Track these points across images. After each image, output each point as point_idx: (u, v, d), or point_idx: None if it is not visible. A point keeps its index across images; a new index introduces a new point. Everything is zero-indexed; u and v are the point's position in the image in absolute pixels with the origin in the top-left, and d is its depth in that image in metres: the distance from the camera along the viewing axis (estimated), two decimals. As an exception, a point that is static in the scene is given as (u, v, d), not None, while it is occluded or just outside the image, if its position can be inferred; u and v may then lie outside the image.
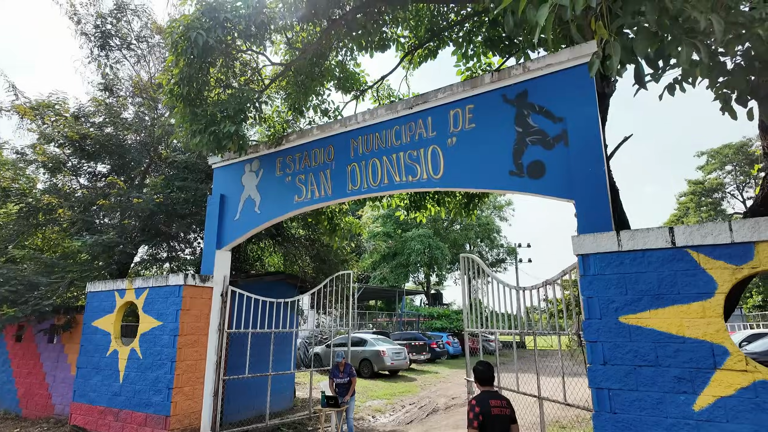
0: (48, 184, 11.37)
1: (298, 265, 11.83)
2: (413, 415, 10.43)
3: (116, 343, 8.17)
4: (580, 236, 4.56)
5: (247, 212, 8.32)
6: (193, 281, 7.75)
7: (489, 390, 3.93)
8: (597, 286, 4.38)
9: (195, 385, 7.50)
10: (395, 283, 33.84)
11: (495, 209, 39.01)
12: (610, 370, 4.17)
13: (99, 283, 8.79)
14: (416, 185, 6.52)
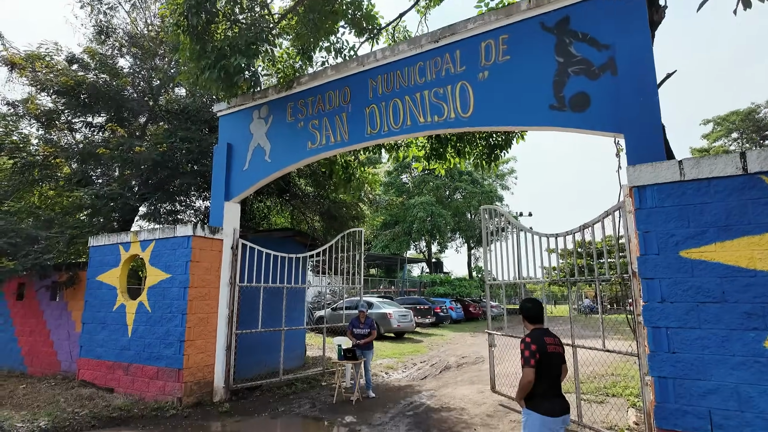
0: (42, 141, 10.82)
1: (306, 222, 11.45)
2: (426, 372, 10.30)
3: (123, 297, 7.85)
4: (637, 166, 4.17)
5: (257, 162, 7.86)
6: (203, 232, 7.37)
7: (540, 327, 3.61)
8: (655, 220, 4.02)
9: (207, 338, 7.23)
10: (397, 251, 33.71)
11: (497, 178, 38.53)
12: (668, 308, 3.86)
13: (102, 237, 8.40)
14: (442, 126, 6.06)
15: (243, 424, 6.21)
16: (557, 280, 5.97)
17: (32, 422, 5.79)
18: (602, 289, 32.10)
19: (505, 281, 7.16)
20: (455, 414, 6.65)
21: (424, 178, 34.45)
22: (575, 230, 5.66)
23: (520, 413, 6.58)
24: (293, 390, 8.15)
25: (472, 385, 8.74)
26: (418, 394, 8.02)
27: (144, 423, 6.16)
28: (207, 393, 7.11)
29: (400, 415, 6.59)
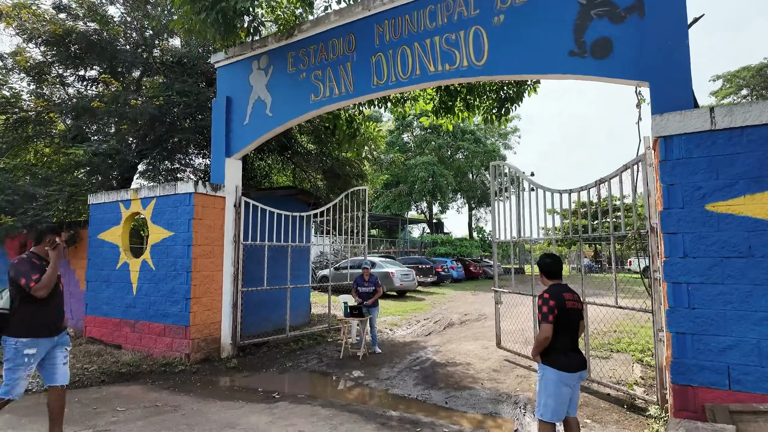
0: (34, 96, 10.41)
1: (308, 181, 11.23)
2: (430, 328, 10.40)
3: (126, 255, 7.76)
4: (664, 115, 3.92)
5: (258, 116, 7.55)
6: (204, 189, 7.17)
7: (559, 283, 3.49)
8: (681, 172, 3.82)
9: (213, 296, 7.19)
10: (398, 212, 33.63)
11: (500, 137, 37.89)
12: (690, 264, 3.73)
13: (102, 195, 8.21)
14: (454, 75, 5.73)
15: (251, 378, 6.26)
16: (570, 237, 5.84)
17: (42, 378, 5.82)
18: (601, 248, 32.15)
19: (514, 239, 7.03)
20: (461, 369, 6.70)
21: (425, 137, 33.88)
22: (591, 185, 5.47)
23: (525, 368, 6.66)
24: (300, 346, 8.23)
25: (476, 341, 8.82)
26: (424, 349, 8.09)
27: (153, 378, 6.21)
28: (214, 349, 7.16)
29: (407, 370, 6.65)
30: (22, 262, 3.49)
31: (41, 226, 3.75)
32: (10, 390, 3.40)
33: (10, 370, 3.39)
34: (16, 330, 3.42)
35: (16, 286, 3.45)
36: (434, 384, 5.93)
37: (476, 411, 4.92)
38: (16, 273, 3.44)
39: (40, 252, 3.65)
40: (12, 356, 3.40)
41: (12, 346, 3.40)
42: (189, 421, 4.45)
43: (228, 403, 5.09)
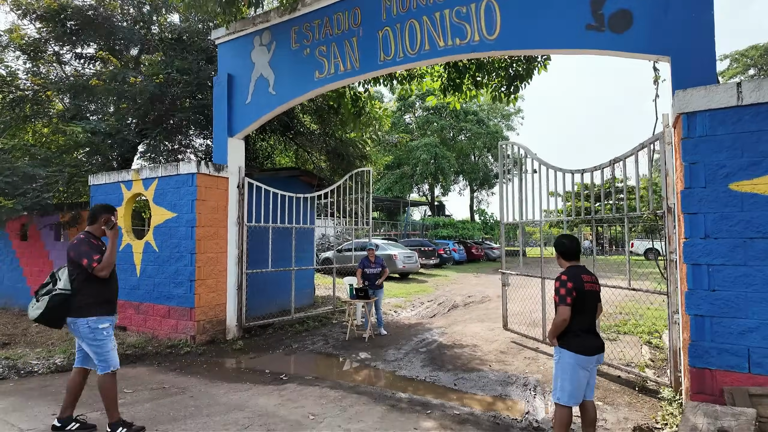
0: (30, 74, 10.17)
1: (311, 162, 11.06)
2: (434, 310, 10.38)
3: (128, 236, 7.67)
4: (688, 90, 3.75)
5: (260, 94, 7.36)
6: (207, 170, 7.03)
7: (577, 264, 3.39)
8: (704, 150, 3.68)
9: (218, 278, 7.12)
10: (399, 194, 33.45)
11: (503, 118, 37.44)
12: (711, 245, 3.61)
13: (102, 175, 8.07)
14: (465, 50, 5.52)
15: (258, 360, 6.23)
16: (582, 218, 5.72)
17: (47, 359, 5.79)
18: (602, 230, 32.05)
19: (523, 221, 6.91)
20: (468, 350, 6.67)
21: (427, 118, 33.47)
22: (605, 165, 5.33)
23: (533, 350, 6.62)
24: (305, 327, 8.20)
25: (481, 323, 8.80)
26: (429, 331, 8.06)
27: (159, 360, 6.18)
28: (220, 331, 7.12)
29: (414, 352, 6.61)
30: (81, 242, 3.48)
31: (95, 206, 3.74)
32: (109, 362, 3.49)
33: (99, 346, 3.45)
34: (83, 310, 3.43)
35: (78, 266, 3.43)
36: (442, 366, 5.89)
37: (486, 393, 4.89)
38: (78, 254, 3.42)
39: (95, 232, 3.64)
40: (91, 335, 3.44)
41: (85, 326, 3.43)
42: (197, 403, 4.41)
43: (236, 385, 5.05)
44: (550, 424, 4.00)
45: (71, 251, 3.45)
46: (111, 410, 3.48)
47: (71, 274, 3.47)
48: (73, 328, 3.47)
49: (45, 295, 3.38)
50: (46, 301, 3.35)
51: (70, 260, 3.47)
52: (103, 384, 3.47)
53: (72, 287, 3.44)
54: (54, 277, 3.49)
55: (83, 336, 3.45)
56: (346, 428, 3.83)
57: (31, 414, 4.05)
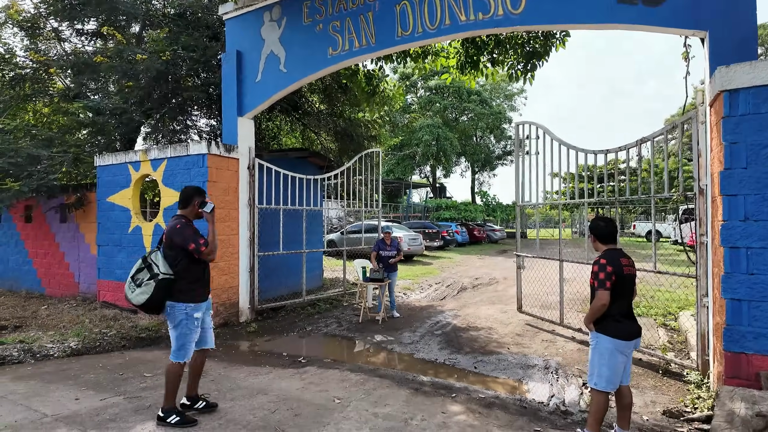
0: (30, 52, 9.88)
1: (319, 143, 10.87)
2: (443, 292, 10.36)
3: (137, 218, 7.54)
4: (731, 66, 3.59)
5: (271, 72, 7.14)
6: (218, 150, 6.87)
7: (614, 248, 3.29)
8: (746, 129, 3.54)
9: (230, 260, 7.03)
10: (401, 176, 33.24)
11: (506, 98, 36.97)
12: (751, 227, 3.51)
13: (109, 156, 7.90)
14: (488, 25, 5.32)
15: (274, 343, 6.19)
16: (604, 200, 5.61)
17: (62, 343, 5.73)
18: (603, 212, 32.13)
19: (540, 203, 6.81)
20: (484, 333, 6.64)
21: (430, 98, 33.01)
22: (631, 145, 5.19)
23: (549, 332, 6.59)
24: (317, 310, 8.16)
25: (493, 305, 8.77)
26: (442, 313, 8.03)
27: (174, 342, 6.12)
28: (233, 314, 7.06)
29: (429, 334, 6.58)
30: (184, 227, 3.45)
31: (187, 189, 3.70)
32: (185, 353, 3.45)
33: (184, 334, 3.43)
34: (185, 295, 3.42)
35: (183, 251, 3.41)
36: (459, 348, 5.86)
37: (507, 376, 4.85)
38: (184, 238, 3.39)
39: (189, 215, 3.60)
40: (184, 321, 3.42)
41: (183, 311, 3.41)
42: (219, 387, 4.36)
43: (255, 368, 5.00)
44: (577, 408, 3.97)
45: (174, 236, 3.41)
46: (167, 397, 3.47)
47: (172, 259, 3.42)
48: (169, 312, 3.43)
49: (149, 280, 3.32)
50: (152, 285, 3.30)
51: (173, 245, 3.42)
52: (170, 371, 3.44)
53: (174, 272, 3.40)
54: (147, 262, 3.42)
55: (176, 321, 3.42)
56: (374, 412, 3.78)
57: (53, 398, 3.99)
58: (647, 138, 4.99)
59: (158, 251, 3.48)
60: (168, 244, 3.45)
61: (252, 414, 3.69)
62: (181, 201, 3.64)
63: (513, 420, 3.68)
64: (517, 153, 7.27)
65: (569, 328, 6.48)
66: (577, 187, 6.02)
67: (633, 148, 5.16)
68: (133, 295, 3.35)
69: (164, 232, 3.51)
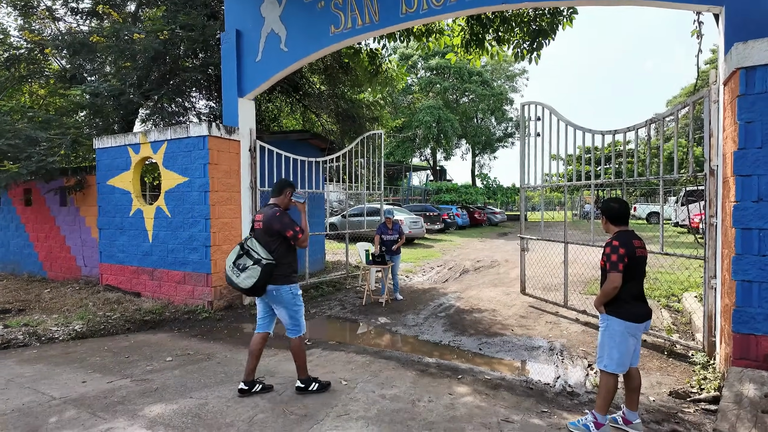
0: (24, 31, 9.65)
1: (319, 124, 10.73)
2: (445, 275, 10.36)
3: (138, 201, 7.47)
4: (748, 43, 3.49)
5: (271, 51, 6.98)
6: (219, 132, 6.76)
7: (626, 229, 3.24)
8: (763, 107, 3.46)
9: (233, 243, 6.98)
10: (401, 159, 33.04)
11: (507, 79, 36.51)
12: (765, 208, 3.46)
13: (108, 138, 7.79)
14: (494, 1, 5.16)
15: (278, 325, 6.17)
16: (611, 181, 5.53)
17: (66, 326, 5.72)
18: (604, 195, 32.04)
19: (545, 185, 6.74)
20: (488, 315, 6.65)
21: (430, 79, 32.58)
22: (640, 125, 5.10)
23: (553, 314, 6.60)
24: (320, 293, 8.17)
25: (495, 287, 8.78)
26: (445, 296, 8.04)
27: (178, 326, 6.13)
28: (237, 296, 7.06)
29: (433, 317, 6.59)
30: (283, 215, 3.66)
31: (281, 180, 3.92)
32: (301, 327, 3.77)
33: (296, 311, 3.72)
34: (286, 278, 3.64)
35: (282, 237, 3.61)
36: (464, 330, 5.87)
37: (513, 358, 4.86)
38: (283, 226, 3.60)
39: (282, 204, 3.80)
40: (293, 299, 3.69)
41: (288, 292, 3.65)
42: (225, 369, 4.37)
43: (260, 350, 5.00)
44: (583, 389, 3.98)
45: (274, 223, 3.59)
46: (302, 369, 3.74)
47: (271, 245, 3.59)
48: (275, 295, 3.63)
49: (254, 265, 3.48)
50: (258, 270, 3.47)
51: (273, 231, 3.59)
52: (297, 346, 3.74)
53: (274, 257, 3.56)
54: (244, 248, 3.57)
55: (286, 302, 3.66)
56: (381, 393, 3.79)
57: (60, 381, 3.99)
58: (657, 118, 4.90)
59: (252, 238, 3.64)
60: (266, 230, 3.61)
61: (260, 396, 3.70)
62: (274, 190, 3.85)
63: (520, 401, 3.69)
64: (522, 133, 7.17)
65: (573, 309, 6.49)
66: (583, 168, 5.95)
67: (642, 128, 5.08)
68: (239, 279, 3.51)
69: (260, 219, 3.67)
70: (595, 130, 5.70)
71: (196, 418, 3.31)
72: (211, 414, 3.36)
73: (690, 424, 3.31)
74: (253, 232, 3.72)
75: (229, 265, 3.57)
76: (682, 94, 40.62)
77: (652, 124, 4.96)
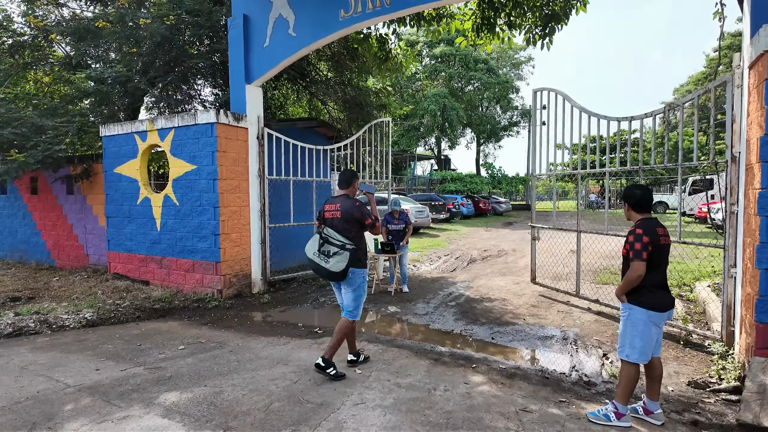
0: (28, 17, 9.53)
1: (326, 112, 10.61)
2: (453, 264, 10.32)
3: (146, 189, 7.43)
4: (778, 23, 3.37)
5: (279, 36, 6.87)
6: (227, 119, 6.68)
7: (650, 217, 3.17)
8: (792, 91, 3.35)
9: (241, 232, 6.95)
10: (406, 147, 32.85)
11: (513, 67, 36.09)
12: (791, 195, 3.37)
13: (114, 126, 7.72)
14: (510, -17, 5.03)
15: (288, 314, 6.17)
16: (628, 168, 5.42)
17: (77, 314, 5.72)
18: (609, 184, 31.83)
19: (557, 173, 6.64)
20: (498, 304, 6.60)
21: (435, 67, 32.22)
22: (657, 112, 4.98)
23: (564, 303, 6.55)
24: (328, 282, 8.13)
25: (504, 276, 8.74)
26: (454, 285, 8.00)
27: (188, 314, 6.12)
28: (246, 285, 7.04)
29: (443, 306, 6.55)
30: (361, 204, 3.90)
31: (347, 170, 4.09)
32: (358, 313, 3.98)
33: (360, 296, 3.94)
34: (362, 262, 3.87)
35: (359, 224, 3.84)
36: (475, 320, 5.83)
37: (526, 347, 4.82)
38: (362, 214, 3.83)
39: (351, 194, 4.01)
40: (362, 284, 3.92)
41: (361, 276, 3.90)
42: (238, 357, 4.35)
43: (272, 338, 4.99)
44: (600, 378, 3.94)
45: (355, 212, 3.80)
46: (332, 349, 3.84)
47: (347, 232, 3.79)
48: (350, 278, 3.84)
49: (341, 250, 3.69)
50: (347, 255, 3.70)
51: (352, 219, 3.80)
52: (347, 327, 3.90)
53: (353, 242, 3.77)
54: (323, 236, 3.77)
55: (357, 284, 3.88)
56: (396, 382, 3.76)
57: (74, 369, 3.98)
58: (677, 103, 4.79)
59: (326, 227, 3.83)
60: (346, 219, 3.81)
61: (274, 384, 3.67)
62: (342, 181, 4.01)
63: (536, 390, 3.65)
64: (534, 121, 7.05)
65: (585, 299, 6.44)
66: (597, 155, 5.84)
67: (659, 114, 4.96)
68: (329, 265, 3.70)
69: (337, 208, 3.85)
70: (610, 117, 5.58)
71: (212, 406, 3.28)
72: (226, 402, 3.34)
73: (711, 414, 3.26)
74: (324, 220, 3.91)
75: (314, 252, 3.77)
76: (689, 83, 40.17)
77: (671, 110, 4.84)
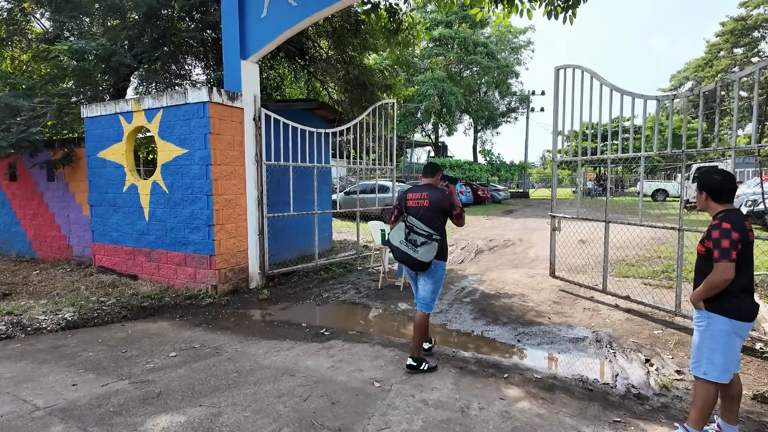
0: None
1: (325, 92, 9.96)
2: (460, 255, 9.82)
3: (132, 176, 6.81)
4: None
5: (278, 6, 6.22)
6: (220, 98, 6.05)
7: (732, 208, 2.65)
8: None
9: (237, 222, 6.38)
10: (403, 134, 32.14)
11: (512, 51, 35.32)
12: None
13: (97, 106, 7.05)
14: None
15: (289, 312, 5.65)
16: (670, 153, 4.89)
17: (56, 314, 5.15)
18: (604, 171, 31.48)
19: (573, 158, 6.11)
20: (517, 300, 6.12)
21: (433, 50, 31.37)
22: (704, 88, 4.44)
23: (588, 299, 6.07)
24: (331, 275, 7.61)
25: (517, 269, 8.26)
26: (465, 278, 7.51)
27: (180, 313, 5.57)
28: (242, 280, 6.49)
29: (458, 302, 6.06)
30: (451, 194, 3.78)
31: (432, 163, 4.04)
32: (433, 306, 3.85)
33: (439, 288, 3.85)
34: (444, 254, 3.80)
35: (446, 214, 3.75)
36: (495, 319, 5.34)
37: (558, 352, 4.34)
38: (451, 204, 3.74)
39: (435, 184, 3.90)
40: (442, 276, 3.82)
41: (443, 268, 3.82)
42: (238, 367, 3.82)
43: (275, 342, 4.46)
44: (650, 391, 3.47)
45: (444, 201, 3.71)
46: (418, 348, 3.74)
47: (433, 222, 3.68)
48: (432, 269, 3.73)
49: (429, 239, 3.58)
50: (435, 245, 3.59)
51: (441, 209, 3.72)
52: (422, 321, 3.76)
53: (438, 233, 3.66)
54: (408, 225, 3.65)
55: (438, 276, 3.79)
56: (422, 398, 3.26)
57: (47, 384, 3.42)
58: (731, 79, 4.25)
59: (408, 215, 3.71)
60: (434, 208, 3.70)
61: (281, 403, 3.15)
62: (427, 172, 3.94)
63: (584, 407, 3.17)
64: (556, 100, 6.49)
65: (612, 295, 5.97)
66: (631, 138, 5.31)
67: (707, 89, 4.42)
68: (418, 254, 3.58)
69: (424, 197, 3.73)
70: (647, 95, 5.03)
71: (209, 432, 2.76)
72: (227, 428, 2.82)
73: (795, 438, 2.80)
74: (407, 209, 3.77)
75: (400, 241, 3.66)
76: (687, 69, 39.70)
77: (721, 85, 4.30)
